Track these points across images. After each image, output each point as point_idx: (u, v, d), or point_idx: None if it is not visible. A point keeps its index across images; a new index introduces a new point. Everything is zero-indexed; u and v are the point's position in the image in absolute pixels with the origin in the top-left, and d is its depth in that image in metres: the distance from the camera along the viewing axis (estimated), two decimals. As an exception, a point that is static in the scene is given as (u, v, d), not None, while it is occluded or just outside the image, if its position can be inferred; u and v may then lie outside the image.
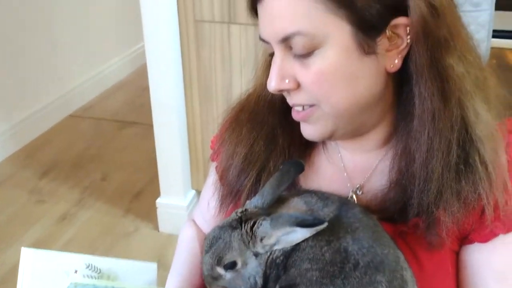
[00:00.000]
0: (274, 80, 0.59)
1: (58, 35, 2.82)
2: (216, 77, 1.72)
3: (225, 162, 0.71)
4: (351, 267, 0.51)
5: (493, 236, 0.60)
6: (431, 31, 0.56)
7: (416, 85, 0.58)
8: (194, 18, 1.64)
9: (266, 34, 0.59)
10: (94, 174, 2.38)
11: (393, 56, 0.58)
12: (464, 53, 0.59)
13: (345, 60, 0.56)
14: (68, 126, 2.86)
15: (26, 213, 2.13)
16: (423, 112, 0.58)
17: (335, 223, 0.54)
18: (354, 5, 0.54)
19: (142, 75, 3.48)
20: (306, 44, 0.56)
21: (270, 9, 0.57)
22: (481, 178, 0.57)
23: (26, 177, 2.36)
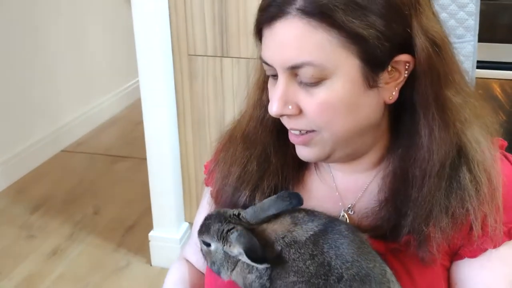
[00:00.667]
0: (276, 105, 0.60)
1: (51, 71, 2.85)
2: (209, 109, 1.75)
3: (219, 181, 0.72)
4: (335, 279, 0.53)
5: (482, 251, 0.62)
6: (435, 66, 0.59)
7: (423, 116, 0.61)
8: (188, 53, 1.69)
9: (272, 59, 0.60)
10: (86, 208, 2.36)
11: (391, 88, 0.61)
12: (462, 86, 0.63)
13: (350, 92, 0.58)
14: (60, 161, 2.86)
15: (16, 248, 2.10)
16: (427, 140, 0.61)
17: (320, 238, 0.57)
18: (367, 42, 0.56)
19: (134, 110, 3.53)
20: (315, 74, 0.57)
21: (280, 35, 0.58)
22: (469, 195, 0.60)
23: (17, 213, 2.34)
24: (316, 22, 0.56)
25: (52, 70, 2.86)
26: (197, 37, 1.65)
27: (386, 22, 0.56)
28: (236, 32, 1.61)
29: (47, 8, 2.75)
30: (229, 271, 0.61)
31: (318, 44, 0.56)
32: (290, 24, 0.57)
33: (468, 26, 1.32)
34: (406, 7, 0.56)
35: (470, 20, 1.31)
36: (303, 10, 0.55)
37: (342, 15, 0.54)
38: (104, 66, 3.34)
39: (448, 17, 1.31)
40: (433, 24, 0.59)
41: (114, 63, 3.45)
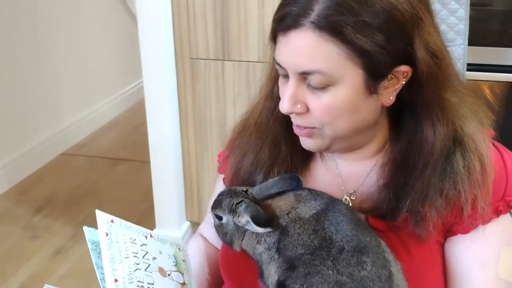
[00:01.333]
0: (287, 104, 0.67)
1: (52, 76, 2.90)
2: (210, 110, 1.81)
3: (234, 167, 0.79)
4: (337, 251, 0.61)
5: (474, 228, 0.68)
6: (435, 75, 0.66)
7: (426, 116, 0.68)
8: (190, 56, 1.75)
9: (285, 62, 0.66)
10: (89, 209, 2.40)
11: (389, 93, 0.68)
12: (458, 87, 0.70)
13: (353, 98, 0.65)
14: (62, 163, 2.90)
15: (20, 248, 2.14)
16: (430, 136, 0.68)
17: (321, 216, 0.64)
18: (371, 57, 0.62)
19: (134, 113, 3.58)
20: (323, 81, 0.64)
21: (294, 44, 0.64)
22: (462, 179, 0.67)
23: (20, 214, 2.38)
24: (327, 35, 0.61)
25: (53, 75, 2.90)
26: (199, 41, 1.72)
27: (390, 39, 0.62)
28: (237, 37, 1.68)
29: (49, 12, 2.80)
30: (240, 240, 0.68)
31: (328, 55, 0.62)
32: (304, 35, 0.62)
33: (459, 30, 1.38)
34: (409, 24, 0.63)
35: (460, 25, 1.38)
36: (317, 24, 0.61)
37: (351, 32, 0.60)
38: (104, 70, 3.39)
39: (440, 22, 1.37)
40: (433, 38, 0.66)
41: (114, 67, 3.50)
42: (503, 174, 0.70)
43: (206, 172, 1.91)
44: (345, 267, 0.59)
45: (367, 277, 0.59)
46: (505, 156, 0.73)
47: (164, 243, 0.74)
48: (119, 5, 3.51)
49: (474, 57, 1.61)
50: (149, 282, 0.66)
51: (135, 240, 0.68)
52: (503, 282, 0.67)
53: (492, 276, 0.67)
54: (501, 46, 1.65)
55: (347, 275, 0.59)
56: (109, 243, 0.65)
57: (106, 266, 0.62)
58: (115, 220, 0.68)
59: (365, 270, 0.59)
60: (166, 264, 0.71)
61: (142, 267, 0.66)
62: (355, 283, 0.58)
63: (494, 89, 1.77)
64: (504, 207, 0.69)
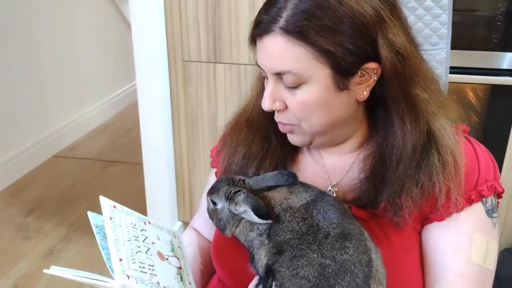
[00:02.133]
0: (267, 102, 0.73)
1: (44, 79, 2.92)
2: (202, 112, 1.84)
3: (227, 160, 0.83)
4: (323, 236, 0.65)
5: (448, 215, 0.73)
6: (400, 72, 0.71)
7: (395, 111, 0.73)
8: (183, 59, 1.78)
9: (263, 64, 0.72)
10: (80, 211, 2.43)
11: (362, 89, 0.73)
12: (428, 85, 0.75)
13: (324, 94, 0.70)
14: (53, 166, 2.91)
15: (13, 249, 2.15)
16: (400, 130, 0.73)
17: (310, 205, 0.69)
18: (334, 56, 0.68)
19: (125, 116, 3.60)
20: (295, 80, 0.69)
21: (268, 48, 0.70)
22: (436, 171, 0.71)
23: (13, 215, 2.39)
24: (294, 39, 0.67)
25: (45, 77, 2.92)
26: (191, 44, 1.76)
27: (352, 40, 0.67)
28: (228, 40, 1.72)
29: (41, 15, 2.82)
30: (234, 227, 0.72)
31: (296, 56, 0.68)
32: (274, 39, 0.68)
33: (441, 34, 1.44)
34: (371, 25, 0.68)
35: (443, 29, 1.43)
36: (285, 29, 0.67)
37: (314, 35, 0.66)
38: (95, 74, 3.41)
39: (424, 26, 1.43)
40: (398, 37, 0.70)
41: (105, 71, 3.52)
42: (476, 166, 0.75)
43: (197, 172, 1.95)
44: (329, 251, 0.64)
45: (349, 261, 0.63)
46: (477, 149, 0.78)
47: (161, 229, 0.78)
48: (112, 9, 3.54)
49: (458, 61, 1.67)
50: (150, 264, 0.69)
51: (136, 225, 0.72)
52: (476, 265, 0.72)
53: (465, 259, 0.72)
54: (484, 50, 1.71)
55: (331, 258, 0.63)
56: (113, 226, 0.68)
57: (111, 247, 0.66)
58: (117, 206, 0.72)
59: (347, 254, 0.64)
60: (164, 249, 0.75)
61: (142, 250, 0.70)
62: (337, 265, 0.63)
63: (477, 91, 1.83)
64: (476, 196, 0.74)
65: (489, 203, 0.75)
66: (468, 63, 1.71)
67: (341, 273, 0.62)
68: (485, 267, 0.73)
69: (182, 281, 0.73)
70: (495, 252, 0.75)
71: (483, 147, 0.79)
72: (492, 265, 0.74)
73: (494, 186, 0.75)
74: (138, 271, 0.66)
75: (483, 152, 0.78)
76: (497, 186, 0.75)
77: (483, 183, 0.74)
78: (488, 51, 1.69)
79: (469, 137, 0.81)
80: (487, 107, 1.78)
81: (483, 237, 0.73)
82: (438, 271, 0.73)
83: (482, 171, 0.75)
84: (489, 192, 0.74)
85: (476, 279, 0.72)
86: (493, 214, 0.75)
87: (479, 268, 0.72)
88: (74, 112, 3.23)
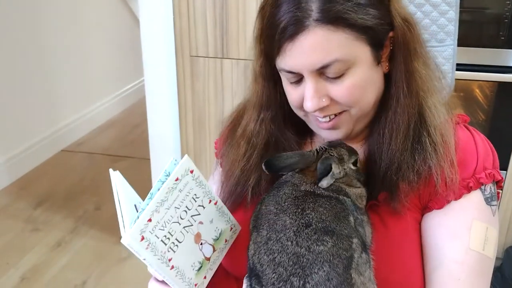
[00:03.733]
0: (311, 103, 0.70)
1: (53, 75, 2.95)
2: (209, 107, 1.86)
3: (225, 174, 0.84)
4: (303, 224, 0.63)
5: (446, 203, 0.73)
6: (407, 41, 0.72)
7: (395, 84, 0.73)
8: (190, 54, 1.80)
9: (299, 66, 0.69)
10: (88, 204, 2.45)
11: (384, 60, 0.74)
12: (427, 60, 0.76)
13: (369, 73, 0.70)
14: (61, 160, 2.95)
15: (22, 240, 2.18)
16: (397, 105, 0.73)
17: (312, 195, 0.68)
18: (373, 30, 0.68)
19: (133, 112, 3.63)
20: (341, 67, 0.68)
21: (306, 45, 0.67)
22: (430, 154, 0.72)
23: (21, 208, 2.43)
24: (333, 26, 0.66)
25: (54, 73, 2.95)
26: (199, 40, 1.77)
27: (379, 11, 0.69)
28: (236, 35, 1.73)
29: (49, 11, 2.85)
30: None
31: (339, 43, 0.66)
32: (312, 34, 0.66)
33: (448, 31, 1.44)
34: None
35: (450, 26, 1.43)
36: (321, 20, 0.66)
37: (353, 15, 0.66)
38: (104, 70, 3.43)
39: (430, 23, 1.43)
40: (402, 6, 0.73)
41: (113, 67, 3.54)
42: (474, 154, 0.76)
43: (204, 167, 1.96)
44: (304, 241, 0.62)
45: (326, 252, 0.61)
46: (476, 138, 0.78)
47: (223, 216, 0.73)
48: (120, 5, 3.56)
49: (465, 58, 1.67)
50: (178, 239, 0.65)
51: (198, 198, 0.68)
52: (474, 253, 0.72)
53: (463, 247, 0.72)
54: (492, 47, 1.70)
55: (306, 248, 0.61)
56: (172, 188, 0.64)
57: (152, 205, 0.62)
58: (194, 172, 0.67)
59: (324, 246, 0.61)
60: (208, 233, 0.70)
61: (183, 223, 0.66)
62: (312, 255, 0.61)
63: (484, 89, 1.83)
64: (475, 183, 0.74)
65: (488, 191, 0.75)
66: (475, 60, 1.71)
67: (317, 264, 0.60)
68: (484, 255, 0.72)
69: (198, 271, 0.69)
70: (495, 240, 0.74)
71: (482, 136, 0.80)
72: (492, 252, 0.74)
73: (492, 174, 0.75)
74: (159, 239, 0.62)
75: (482, 140, 0.79)
76: (496, 174, 0.76)
77: (482, 171, 0.75)
78: (495, 49, 1.69)
79: (468, 126, 0.81)
80: (493, 105, 1.78)
81: (482, 225, 0.73)
82: (436, 259, 0.73)
83: (481, 159, 0.75)
84: (487, 179, 0.74)
85: (475, 267, 0.72)
86: (492, 202, 0.76)
87: (478, 256, 0.72)
88: (82, 107, 3.25)
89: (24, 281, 1.95)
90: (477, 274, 0.72)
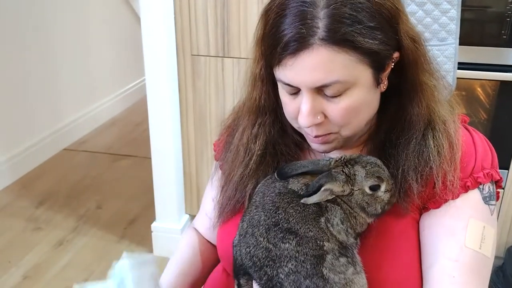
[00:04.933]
0: (306, 119, 0.70)
1: (55, 73, 2.95)
2: (210, 106, 1.86)
3: (226, 175, 0.85)
4: (273, 223, 0.68)
5: (444, 202, 0.74)
6: (415, 58, 0.73)
7: (407, 97, 0.74)
8: (191, 53, 1.80)
9: (298, 81, 0.68)
10: (89, 203, 2.46)
11: (384, 79, 0.74)
12: (433, 72, 0.77)
13: (367, 95, 0.71)
14: (63, 159, 2.95)
15: (23, 239, 2.19)
16: (410, 115, 0.75)
17: (295, 196, 0.70)
18: (378, 54, 0.68)
19: (135, 111, 3.63)
20: (341, 88, 0.68)
21: (307, 63, 0.66)
22: (433, 156, 0.73)
23: (23, 206, 2.43)
24: (338, 47, 0.65)
25: (56, 72, 2.96)
26: (200, 39, 1.77)
27: (386, 34, 0.68)
28: (237, 34, 1.73)
29: (52, 9, 2.85)
30: None
31: (342, 65, 0.66)
32: (316, 53, 0.65)
33: (450, 30, 1.43)
34: (393, 18, 0.69)
35: (451, 25, 1.43)
36: (327, 40, 0.64)
37: (360, 38, 0.65)
38: (106, 68, 3.44)
39: (432, 22, 1.42)
40: (410, 26, 0.73)
41: (115, 66, 3.55)
42: (473, 153, 0.76)
43: (205, 166, 1.96)
44: (272, 238, 0.68)
45: (292, 249, 0.66)
46: (475, 137, 0.79)
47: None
48: (122, 4, 3.56)
49: (467, 56, 1.66)
50: None
51: None
52: (471, 251, 0.72)
53: (459, 244, 0.72)
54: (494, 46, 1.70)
55: (273, 244, 0.67)
56: None
57: None
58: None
59: (288, 244, 0.66)
60: None
61: None
62: (279, 251, 0.66)
63: (486, 88, 1.83)
64: (472, 183, 0.74)
65: (486, 190, 0.75)
66: (477, 59, 1.71)
67: (284, 258, 0.66)
68: (480, 253, 0.73)
69: None
70: (493, 239, 0.75)
71: (481, 135, 0.81)
72: (490, 251, 0.74)
73: (490, 174, 0.75)
74: None
75: (481, 140, 0.79)
76: (494, 174, 0.76)
77: (480, 170, 0.75)
78: (497, 47, 1.68)
79: (467, 126, 0.82)
80: (495, 104, 1.77)
81: (479, 223, 0.73)
82: (432, 256, 0.73)
83: (479, 159, 0.76)
84: (485, 179, 0.75)
85: (471, 265, 0.72)
86: (491, 201, 0.76)
87: (474, 254, 0.72)
88: (84, 106, 3.26)
89: (26, 280, 1.95)
90: (473, 272, 0.72)
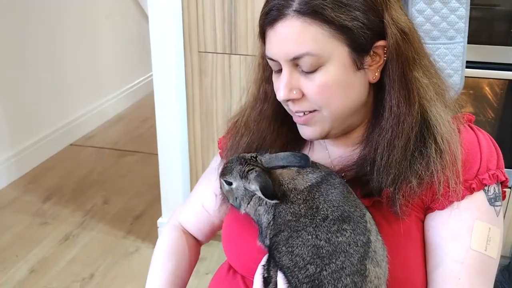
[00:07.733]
0: (283, 92, 0.72)
1: (62, 69, 2.96)
2: (217, 103, 1.86)
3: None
4: (321, 219, 0.66)
5: (449, 204, 0.73)
6: (402, 51, 0.72)
7: (388, 93, 0.73)
8: (198, 50, 1.80)
9: (276, 53, 0.71)
10: (96, 198, 2.47)
11: (374, 70, 0.73)
12: (428, 69, 0.75)
13: (343, 74, 0.70)
14: (70, 154, 2.97)
15: (30, 234, 2.20)
16: (390, 115, 0.73)
17: (315, 187, 0.69)
18: (352, 32, 0.68)
19: (141, 107, 3.64)
20: (313, 62, 0.69)
21: (282, 33, 0.69)
22: (434, 160, 0.72)
23: (30, 201, 2.45)
24: (310, 19, 0.67)
25: (63, 68, 2.97)
26: (207, 35, 1.77)
27: (365, 15, 0.69)
28: (244, 31, 1.73)
29: (59, 6, 2.86)
30: (246, 204, 0.73)
31: (314, 37, 0.68)
32: (289, 23, 0.68)
33: (459, 28, 1.43)
34: (378, 3, 0.70)
35: (460, 23, 1.42)
36: (299, 11, 0.67)
37: (331, 11, 0.67)
38: (113, 64, 3.45)
39: (440, 20, 1.42)
40: (400, 16, 0.72)
41: (122, 61, 3.56)
42: (478, 154, 0.75)
43: (211, 163, 1.97)
44: (324, 233, 0.65)
45: (344, 242, 0.64)
46: (480, 138, 0.77)
47: None
48: (130, 0, 3.57)
49: (475, 55, 1.65)
50: None
51: None
52: (476, 253, 0.72)
53: (465, 247, 0.72)
54: (502, 44, 1.69)
55: (325, 240, 0.64)
56: None
57: None
58: None
59: (343, 236, 0.64)
60: None
61: None
62: (332, 246, 0.64)
63: (494, 87, 1.81)
64: (477, 184, 0.73)
65: (492, 191, 0.75)
66: (486, 58, 1.70)
67: (335, 254, 0.63)
68: (486, 255, 0.72)
69: None
70: (498, 240, 0.74)
71: (486, 134, 0.79)
72: (495, 253, 0.73)
73: (496, 175, 0.74)
74: None
75: (486, 140, 0.78)
76: (500, 175, 0.75)
77: (485, 172, 0.74)
78: (506, 46, 1.67)
79: (472, 125, 0.80)
80: (503, 103, 1.76)
81: (484, 225, 0.73)
82: (438, 258, 0.73)
83: (484, 160, 0.75)
84: (490, 180, 0.74)
85: (476, 267, 0.71)
86: (496, 202, 0.75)
87: (480, 256, 0.72)
88: (91, 101, 3.27)
89: (33, 274, 1.97)
90: (478, 274, 0.72)
